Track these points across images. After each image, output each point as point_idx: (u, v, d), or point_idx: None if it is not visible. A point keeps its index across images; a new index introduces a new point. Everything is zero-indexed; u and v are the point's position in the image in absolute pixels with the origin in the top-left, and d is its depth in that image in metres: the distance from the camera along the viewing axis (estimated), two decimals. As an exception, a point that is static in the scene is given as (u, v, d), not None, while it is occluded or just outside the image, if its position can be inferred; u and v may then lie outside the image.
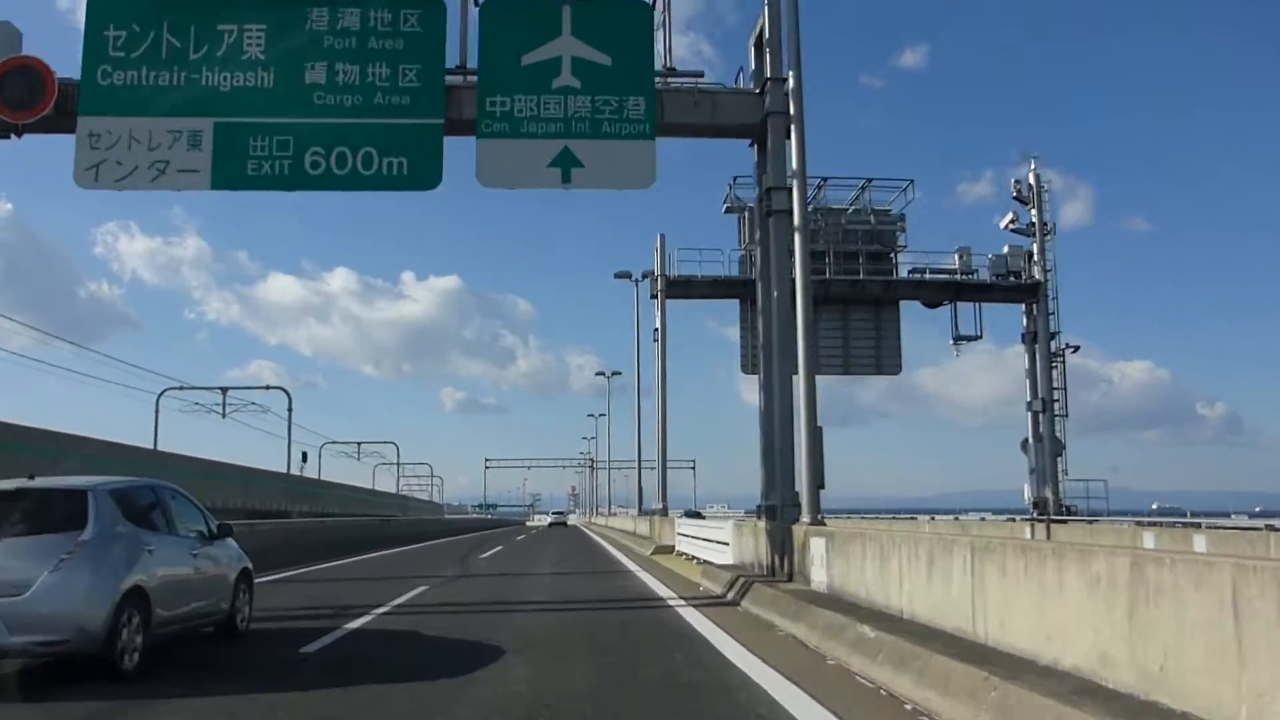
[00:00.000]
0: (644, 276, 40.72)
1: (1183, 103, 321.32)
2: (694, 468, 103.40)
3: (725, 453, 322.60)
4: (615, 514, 68.72)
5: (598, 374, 64.96)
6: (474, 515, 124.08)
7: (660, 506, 37.32)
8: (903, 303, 30.35)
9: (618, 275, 40.40)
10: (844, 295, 29.47)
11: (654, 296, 32.84)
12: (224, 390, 49.46)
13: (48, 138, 12.53)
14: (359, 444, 77.20)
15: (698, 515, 39.96)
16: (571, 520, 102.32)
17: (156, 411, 44.85)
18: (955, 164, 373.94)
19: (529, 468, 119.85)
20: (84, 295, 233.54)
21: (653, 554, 23.06)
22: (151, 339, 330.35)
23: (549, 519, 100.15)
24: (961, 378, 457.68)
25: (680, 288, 31.75)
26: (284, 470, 48.07)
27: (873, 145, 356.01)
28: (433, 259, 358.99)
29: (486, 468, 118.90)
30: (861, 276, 29.84)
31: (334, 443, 73.57)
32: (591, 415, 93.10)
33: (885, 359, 29.78)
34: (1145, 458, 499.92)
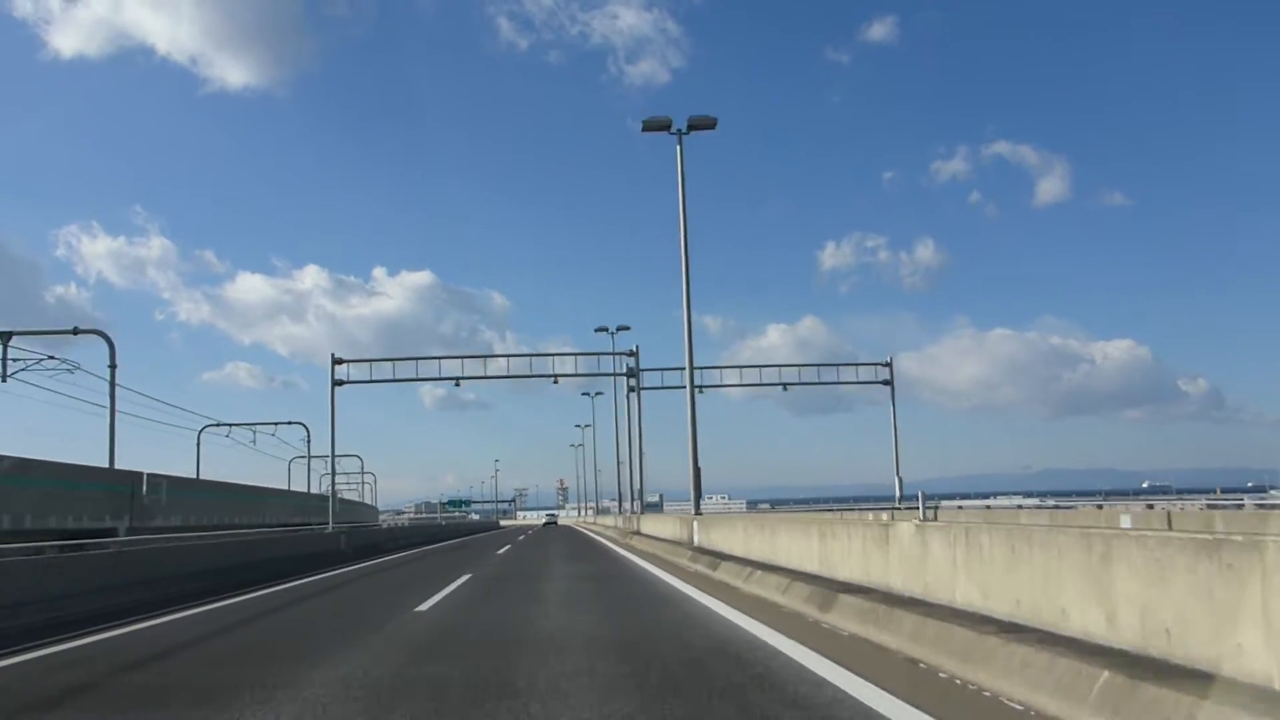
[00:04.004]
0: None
1: (1164, 76, 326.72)
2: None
3: (706, 440, 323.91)
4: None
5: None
6: (441, 519, 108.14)
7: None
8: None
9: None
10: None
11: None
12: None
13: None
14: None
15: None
16: (562, 519, 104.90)
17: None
18: (929, 140, 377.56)
19: (456, 382, 42.73)
20: (51, 300, 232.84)
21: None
22: (123, 342, 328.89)
23: (544, 519, 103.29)
24: (943, 361, 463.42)
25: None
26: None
27: (840, 124, 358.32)
28: (403, 254, 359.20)
29: (336, 382, 39.81)
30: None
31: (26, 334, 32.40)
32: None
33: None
34: (1128, 437, 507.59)
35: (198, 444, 52.67)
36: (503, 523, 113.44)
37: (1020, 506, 55.30)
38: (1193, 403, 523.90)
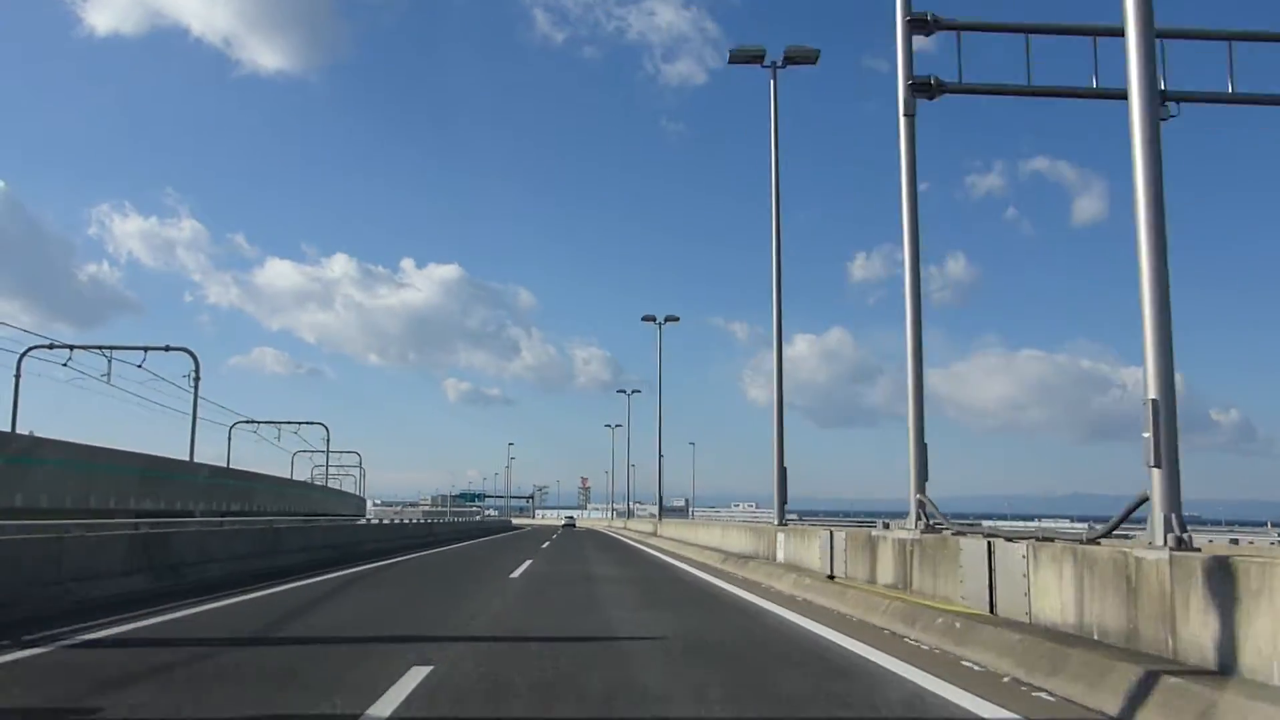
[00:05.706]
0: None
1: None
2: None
3: (729, 446, 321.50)
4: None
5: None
6: (451, 514, 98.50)
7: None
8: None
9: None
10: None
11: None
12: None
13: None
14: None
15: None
16: (587, 522, 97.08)
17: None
18: (965, 153, 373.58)
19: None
20: (83, 278, 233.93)
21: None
22: (152, 323, 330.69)
23: (564, 520, 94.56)
24: (970, 380, 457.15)
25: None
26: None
27: (874, 132, 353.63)
28: (431, 246, 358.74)
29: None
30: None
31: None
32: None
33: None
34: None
35: (16, 375, 33.99)
36: (516, 522, 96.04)
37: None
38: (1224, 433, 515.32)
